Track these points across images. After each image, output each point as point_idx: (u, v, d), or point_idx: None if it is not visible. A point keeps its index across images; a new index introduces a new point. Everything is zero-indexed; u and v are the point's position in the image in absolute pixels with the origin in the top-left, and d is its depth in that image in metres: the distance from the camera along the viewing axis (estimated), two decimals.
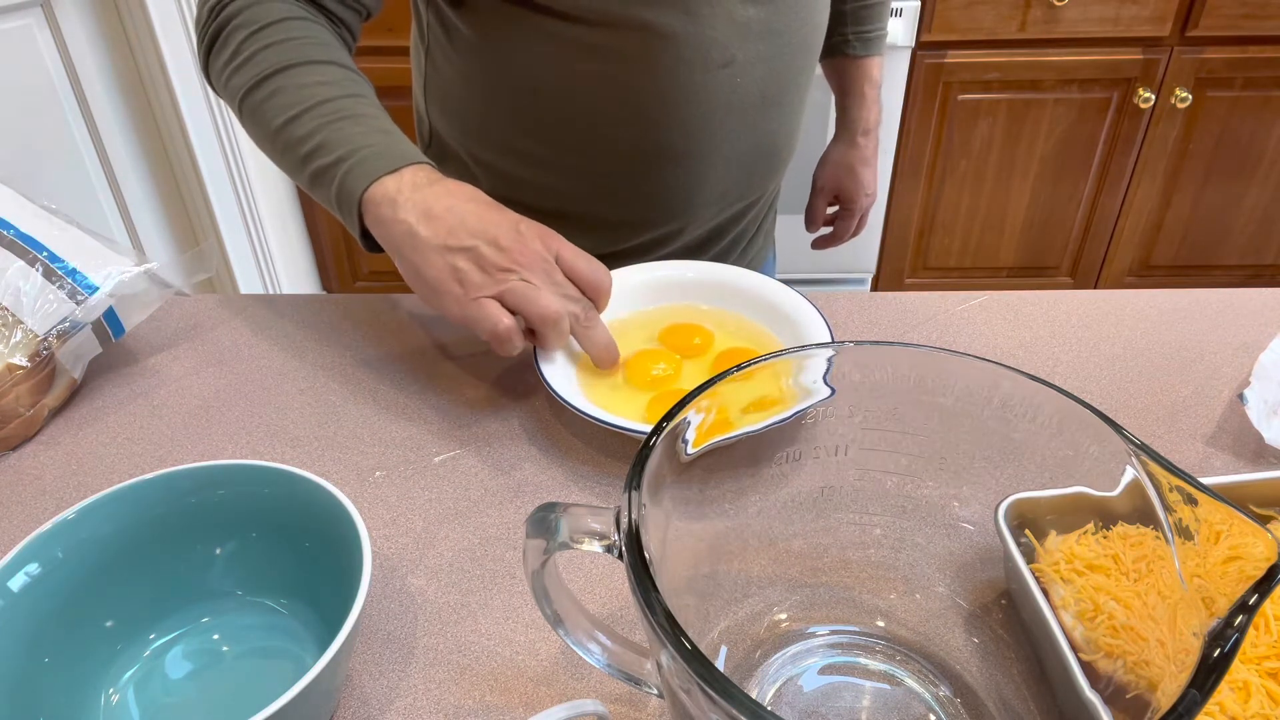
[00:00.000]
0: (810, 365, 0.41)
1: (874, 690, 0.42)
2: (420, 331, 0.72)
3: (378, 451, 0.60)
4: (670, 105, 0.72)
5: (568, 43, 0.70)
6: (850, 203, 1.06)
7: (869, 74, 0.98)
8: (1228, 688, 0.37)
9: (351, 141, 0.61)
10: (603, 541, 0.35)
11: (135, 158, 1.70)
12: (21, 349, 0.60)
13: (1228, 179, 1.92)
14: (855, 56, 0.97)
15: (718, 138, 0.76)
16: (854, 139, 1.02)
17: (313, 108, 0.62)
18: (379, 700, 0.44)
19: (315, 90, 0.63)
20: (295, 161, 0.63)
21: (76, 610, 0.44)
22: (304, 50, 0.64)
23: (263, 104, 0.64)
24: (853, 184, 1.04)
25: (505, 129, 0.76)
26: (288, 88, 0.63)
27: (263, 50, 0.64)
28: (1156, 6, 1.72)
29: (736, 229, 0.86)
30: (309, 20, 0.67)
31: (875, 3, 0.95)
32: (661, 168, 0.76)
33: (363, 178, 0.59)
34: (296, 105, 0.62)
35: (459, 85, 0.78)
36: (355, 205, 0.60)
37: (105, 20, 1.58)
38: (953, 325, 0.72)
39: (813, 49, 0.79)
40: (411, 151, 0.61)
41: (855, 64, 0.98)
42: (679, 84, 0.71)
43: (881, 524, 0.44)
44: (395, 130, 0.63)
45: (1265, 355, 0.61)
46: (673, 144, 0.75)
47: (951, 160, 1.92)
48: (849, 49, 0.97)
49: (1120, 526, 0.36)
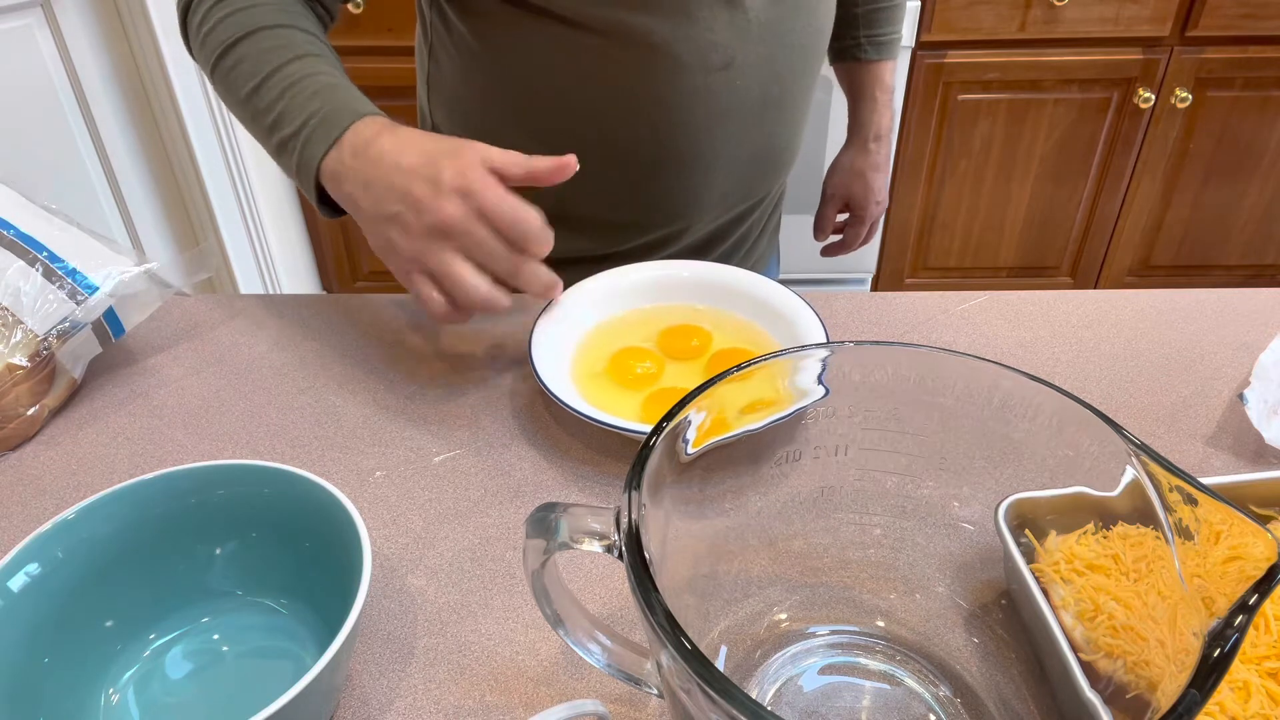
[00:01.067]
0: (809, 365, 0.41)
1: (874, 690, 0.42)
2: (420, 332, 0.72)
3: (378, 451, 0.60)
4: (670, 108, 0.72)
5: (566, 45, 0.70)
6: (860, 209, 1.04)
7: (881, 79, 0.97)
8: (1228, 688, 0.37)
9: (301, 113, 0.61)
10: (603, 541, 0.35)
11: (135, 158, 1.70)
12: (21, 349, 0.60)
13: (1228, 179, 1.92)
14: (867, 61, 0.96)
15: (719, 140, 0.76)
16: (865, 145, 1.00)
17: (271, 74, 0.63)
18: (379, 700, 0.44)
19: (272, 55, 0.63)
20: (262, 132, 0.64)
21: (76, 610, 0.44)
22: (263, 15, 0.65)
23: (230, 73, 0.65)
24: (863, 191, 1.03)
25: (506, 129, 0.76)
26: (250, 55, 0.64)
27: (228, 18, 0.65)
28: (1156, 6, 1.72)
29: (739, 231, 0.86)
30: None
31: (889, 6, 0.95)
32: (663, 170, 0.76)
33: (312, 156, 0.60)
34: (258, 73, 0.63)
35: (461, 85, 0.78)
36: (313, 188, 0.62)
37: (105, 20, 1.58)
38: (953, 325, 0.72)
39: (815, 52, 0.79)
40: (352, 106, 0.61)
41: (867, 68, 0.97)
42: (678, 86, 0.71)
43: (881, 524, 0.44)
44: (337, 84, 0.63)
45: (1265, 355, 0.61)
46: (674, 146, 0.75)
47: (951, 160, 1.92)
48: (861, 53, 0.96)
49: (1120, 526, 0.36)
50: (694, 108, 0.73)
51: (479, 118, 0.78)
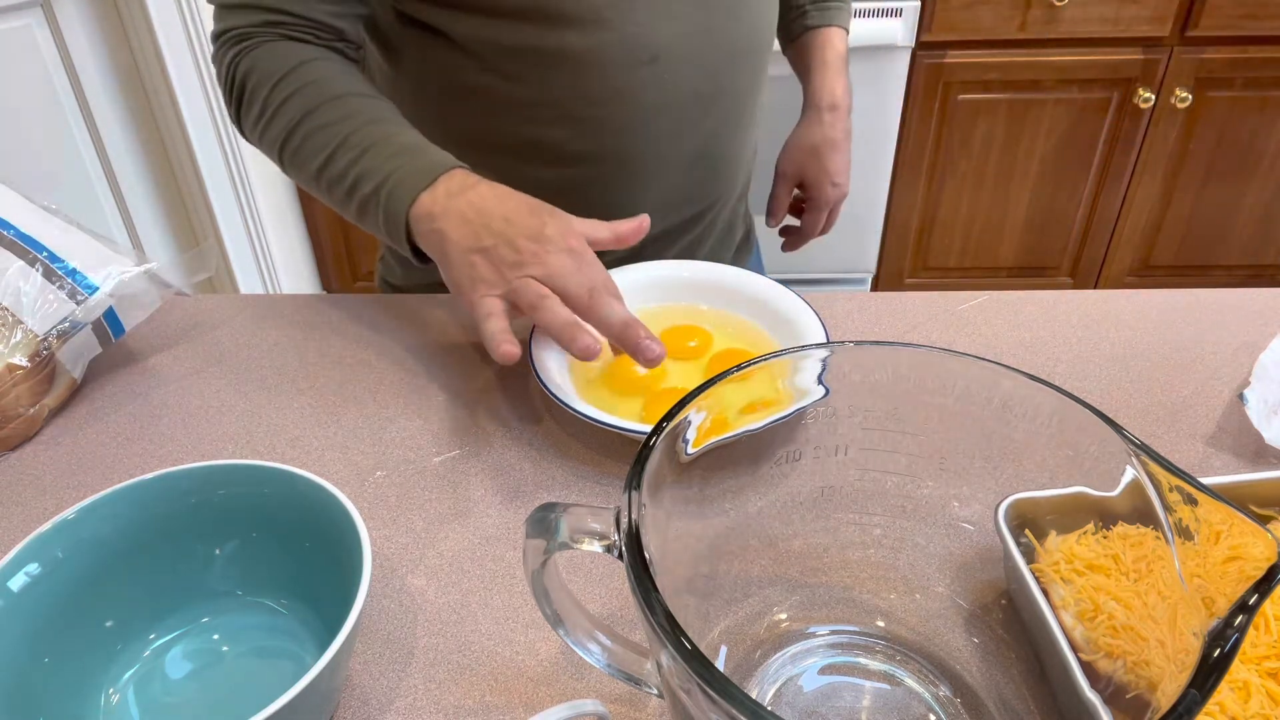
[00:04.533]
0: (809, 366, 0.41)
1: (874, 690, 0.42)
2: (421, 331, 0.72)
3: (378, 451, 0.60)
4: (595, 103, 0.72)
5: (486, 44, 0.70)
6: (816, 191, 0.92)
7: (830, 42, 0.89)
8: (1228, 688, 0.37)
9: (384, 167, 0.62)
10: (603, 541, 0.35)
11: (135, 158, 1.70)
12: (21, 349, 0.60)
13: (1228, 179, 1.92)
14: (813, 27, 0.90)
15: (651, 138, 0.75)
16: (819, 115, 0.89)
17: (343, 143, 0.63)
18: (379, 700, 0.44)
19: (342, 126, 0.64)
20: (341, 198, 0.65)
21: (76, 610, 0.44)
22: (324, 90, 0.66)
23: (298, 152, 0.66)
24: (816, 168, 0.91)
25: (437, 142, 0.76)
26: (316, 130, 0.65)
27: (287, 101, 0.66)
28: (1156, 6, 1.72)
29: (685, 239, 0.85)
30: (319, 60, 0.68)
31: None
32: (595, 170, 0.76)
33: (402, 200, 0.61)
34: (329, 145, 0.64)
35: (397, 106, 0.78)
36: (402, 226, 0.61)
37: (105, 20, 1.58)
38: (953, 325, 0.72)
39: (754, 50, 0.78)
40: (441, 160, 0.62)
41: (814, 34, 0.90)
42: (603, 81, 0.71)
43: (881, 524, 0.44)
44: (421, 143, 0.64)
45: (1265, 355, 0.61)
46: (603, 144, 0.74)
47: (951, 160, 1.92)
48: (807, 19, 0.90)
49: (1120, 526, 0.36)
50: (620, 103, 0.72)
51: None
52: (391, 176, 0.61)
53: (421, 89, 0.76)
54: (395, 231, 0.62)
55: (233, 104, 0.70)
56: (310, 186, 0.67)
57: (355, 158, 0.63)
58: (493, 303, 0.57)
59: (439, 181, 0.61)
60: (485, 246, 0.58)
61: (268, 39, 0.68)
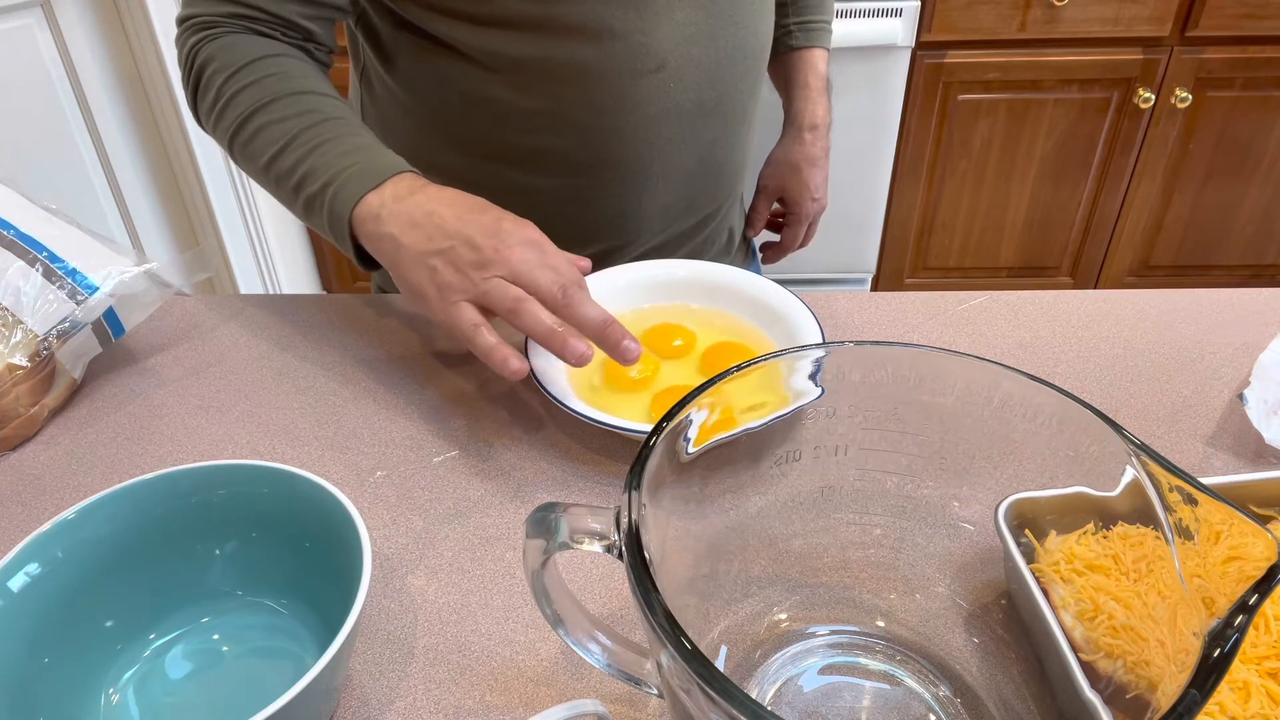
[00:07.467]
0: (809, 366, 0.41)
1: (874, 690, 0.42)
2: (420, 332, 0.72)
3: (378, 451, 0.60)
4: (601, 112, 0.72)
5: (493, 55, 0.70)
6: (795, 206, 0.97)
7: (813, 64, 0.92)
8: (1228, 688, 0.37)
9: (333, 166, 0.61)
10: (603, 541, 0.35)
11: (135, 158, 1.70)
12: (21, 349, 0.60)
13: (1228, 179, 1.92)
14: (798, 48, 0.92)
15: (655, 146, 0.75)
16: (800, 135, 0.93)
17: (294, 139, 0.63)
18: (379, 700, 0.44)
19: (294, 122, 0.63)
20: (288, 194, 0.64)
21: (76, 610, 0.44)
22: (280, 84, 0.65)
23: (248, 144, 0.65)
24: (797, 185, 0.95)
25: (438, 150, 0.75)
26: (269, 124, 0.64)
27: (241, 91, 0.65)
28: (1156, 6, 1.72)
29: (687, 246, 0.85)
30: (281, 56, 0.67)
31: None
32: (599, 178, 0.76)
33: (348, 199, 0.60)
34: (279, 140, 0.63)
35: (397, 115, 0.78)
36: (346, 227, 0.60)
37: (105, 20, 1.58)
38: (953, 325, 0.72)
39: (753, 56, 0.78)
40: (393, 162, 0.62)
41: (798, 55, 0.92)
42: (609, 89, 0.71)
43: (881, 524, 0.44)
44: (374, 144, 0.63)
45: (1265, 355, 0.61)
46: (607, 153, 0.74)
47: (951, 160, 1.92)
48: (791, 39, 0.92)
49: (1120, 526, 0.36)
50: (626, 112, 0.72)
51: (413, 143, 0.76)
52: (339, 176, 0.60)
53: (422, 98, 0.76)
54: (339, 232, 0.61)
55: (189, 89, 0.70)
56: (259, 179, 0.67)
57: (304, 155, 0.62)
58: (470, 311, 0.56)
59: (386, 184, 0.60)
60: (442, 249, 0.57)
61: (233, 30, 0.68)
